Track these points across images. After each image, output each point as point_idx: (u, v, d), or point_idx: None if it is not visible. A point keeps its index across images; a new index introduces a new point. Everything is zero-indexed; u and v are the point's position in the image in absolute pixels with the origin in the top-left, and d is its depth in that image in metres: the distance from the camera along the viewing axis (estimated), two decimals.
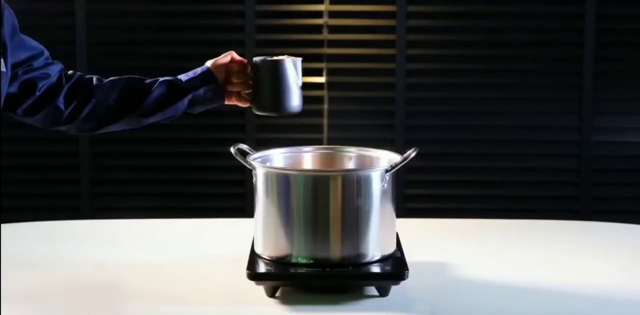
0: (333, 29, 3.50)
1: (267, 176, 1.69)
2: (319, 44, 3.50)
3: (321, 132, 3.49)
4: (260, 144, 3.41)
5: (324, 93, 3.49)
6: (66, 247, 2.00)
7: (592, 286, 1.74)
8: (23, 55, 1.64)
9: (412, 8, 3.48)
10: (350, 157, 1.86)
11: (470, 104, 3.53)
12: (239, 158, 1.75)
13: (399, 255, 1.72)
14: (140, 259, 1.90)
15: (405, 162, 1.70)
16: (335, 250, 1.65)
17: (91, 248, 1.99)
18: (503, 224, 2.28)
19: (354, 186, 1.65)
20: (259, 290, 1.65)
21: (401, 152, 1.74)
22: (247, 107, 1.82)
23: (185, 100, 1.76)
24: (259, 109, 1.77)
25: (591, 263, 1.90)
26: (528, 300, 1.66)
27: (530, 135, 3.53)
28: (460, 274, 1.81)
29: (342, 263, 1.65)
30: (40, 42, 1.76)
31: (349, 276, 1.64)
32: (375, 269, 1.66)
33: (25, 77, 1.65)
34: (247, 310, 1.61)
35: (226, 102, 1.82)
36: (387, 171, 1.68)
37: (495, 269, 1.84)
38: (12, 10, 1.61)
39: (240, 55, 3.63)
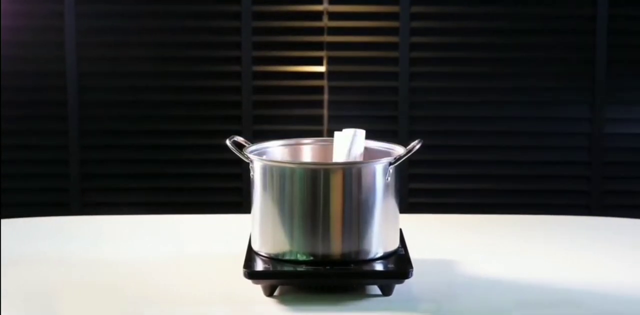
0: (333, 16, 3.49)
1: (265, 169, 1.68)
2: (319, 31, 3.49)
3: (321, 123, 3.49)
4: (257, 136, 3.40)
5: (324, 83, 3.49)
6: (54, 245, 1.99)
7: (605, 284, 1.74)
8: None
9: None
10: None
11: (477, 94, 3.52)
12: (235, 151, 1.74)
13: (402, 252, 1.72)
14: (131, 257, 1.90)
15: (410, 154, 1.69)
16: (336, 247, 1.64)
17: (80, 245, 1.99)
18: (511, 219, 2.28)
19: (356, 180, 1.65)
20: (257, 289, 1.65)
21: (405, 144, 1.74)
22: None
23: None
24: None
25: (603, 260, 1.90)
26: (538, 299, 1.66)
27: (539, 126, 3.53)
28: (467, 272, 1.80)
29: (343, 260, 1.64)
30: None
31: (350, 274, 1.64)
32: (378, 266, 1.66)
33: None
34: (244, 310, 1.60)
35: None
36: (390, 164, 1.67)
37: (503, 267, 1.84)
38: None
39: (236, 44, 3.66)
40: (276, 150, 1.84)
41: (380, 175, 1.66)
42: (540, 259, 1.91)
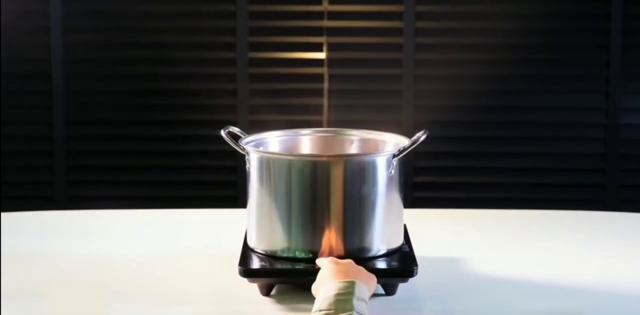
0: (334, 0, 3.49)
1: (262, 162, 1.68)
2: (319, 15, 3.49)
3: (321, 113, 3.49)
4: (254, 127, 3.40)
5: (324, 70, 3.48)
6: (38, 241, 1.99)
7: (620, 283, 1.74)
8: None
9: None
10: (353, 140, 1.85)
11: (486, 82, 3.52)
12: (230, 142, 1.74)
13: (406, 249, 1.72)
14: (121, 254, 1.90)
15: (414, 146, 1.69)
16: (337, 244, 1.64)
17: (66, 241, 1.99)
18: (521, 214, 2.28)
19: (358, 173, 1.65)
20: (253, 288, 1.65)
21: (409, 136, 1.74)
22: None
23: None
24: None
25: (619, 258, 1.90)
26: (549, 299, 1.66)
27: (551, 116, 3.52)
28: (475, 270, 1.81)
29: (344, 258, 1.64)
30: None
31: None
32: (381, 264, 1.66)
33: None
34: (240, 310, 1.60)
35: None
36: (394, 156, 1.67)
37: (512, 265, 1.84)
38: None
39: (231, 29, 3.65)
40: (273, 141, 1.84)
41: (383, 168, 1.66)
42: (552, 256, 1.91)
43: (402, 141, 1.76)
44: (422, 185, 3.54)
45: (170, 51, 3.52)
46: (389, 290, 1.65)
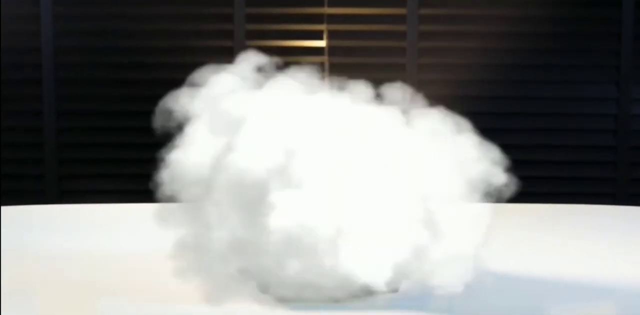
0: None
1: None
2: (319, 2, 3.48)
3: None
4: None
5: (324, 59, 3.48)
6: (28, 237, 1.99)
7: (632, 278, 1.74)
8: None
9: None
10: None
11: (492, 72, 3.51)
12: None
13: None
14: (114, 249, 1.90)
15: None
16: None
17: (58, 236, 1.99)
18: (529, 209, 2.28)
19: None
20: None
21: None
22: None
23: None
24: None
25: (630, 252, 1.90)
26: (559, 294, 1.66)
27: (560, 107, 3.52)
28: (481, 266, 1.80)
29: None
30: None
31: None
32: None
33: None
34: (237, 308, 1.60)
35: None
36: None
37: (520, 260, 1.84)
38: None
39: (228, 16, 3.63)
40: None
41: None
42: (560, 251, 1.91)
43: None
44: None
45: (165, 39, 3.51)
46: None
